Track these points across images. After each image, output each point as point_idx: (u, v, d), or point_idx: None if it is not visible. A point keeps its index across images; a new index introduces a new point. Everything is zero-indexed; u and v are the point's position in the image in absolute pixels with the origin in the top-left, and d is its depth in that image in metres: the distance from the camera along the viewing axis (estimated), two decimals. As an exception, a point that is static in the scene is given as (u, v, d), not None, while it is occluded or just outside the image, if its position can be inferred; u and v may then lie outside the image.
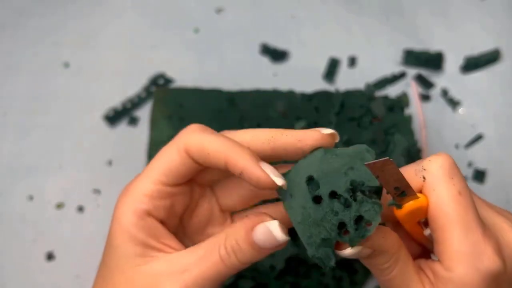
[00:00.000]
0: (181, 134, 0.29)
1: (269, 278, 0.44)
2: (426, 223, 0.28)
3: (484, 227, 0.26)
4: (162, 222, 0.29)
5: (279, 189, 0.27)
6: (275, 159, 0.29)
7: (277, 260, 0.43)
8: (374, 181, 0.26)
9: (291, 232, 0.28)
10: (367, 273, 0.47)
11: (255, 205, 0.34)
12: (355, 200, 0.26)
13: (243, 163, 0.27)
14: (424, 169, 0.27)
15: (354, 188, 0.26)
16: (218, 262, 0.27)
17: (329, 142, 0.28)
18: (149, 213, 0.29)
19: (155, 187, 0.29)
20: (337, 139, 0.28)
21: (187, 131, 0.29)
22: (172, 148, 0.29)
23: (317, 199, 0.27)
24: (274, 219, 0.27)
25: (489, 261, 0.25)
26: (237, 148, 0.27)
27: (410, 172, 0.28)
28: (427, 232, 0.28)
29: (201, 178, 0.31)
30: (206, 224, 0.33)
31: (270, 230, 0.26)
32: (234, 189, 0.32)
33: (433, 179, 0.27)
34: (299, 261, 0.45)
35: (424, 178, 0.27)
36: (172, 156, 0.29)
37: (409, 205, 0.27)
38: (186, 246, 0.32)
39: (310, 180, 0.27)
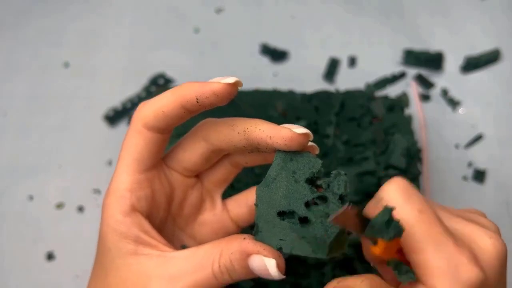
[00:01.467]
0: (132, 117, 0.30)
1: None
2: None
3: (454, 238, 0.26)
4: (147, 217, 0.30)
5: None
6: (250, 150, 0.29)
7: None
8: (317, 165, 0.27)
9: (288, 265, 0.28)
10: (366, 273, 0.47)
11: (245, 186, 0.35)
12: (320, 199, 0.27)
13: (194, 90, 0.28)
14: (382, 198, 0.27)
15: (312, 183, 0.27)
16: (210, 277, 0.27)
17: (301, 142, 0.28)
18: (134, 208, 0.29)
19: (132, 177, 0.29)
20: (311, 138, 0.28)
21: (136, 110, 0.30)
22: (131, 133, 0.29)
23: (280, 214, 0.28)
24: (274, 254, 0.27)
25: (467, 271, 0.25)
26: (182, 87, 0.29)
27: (371, 206, 0.28)
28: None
29: (185, 169, 0.32)
30: (196, 212, 0.33)
31: (267, 267, 0.27)
32: (216, 170, 0.33)
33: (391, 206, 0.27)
34: (299, 261, 0.45)
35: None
36: (135, 140, 0.29)
37: (381, 240, 0.26)
38: (177, 238, 0.32)
39: (280, 214, 0.28)
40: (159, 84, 0.56)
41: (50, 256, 0.47)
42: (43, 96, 0.55)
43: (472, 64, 0.59)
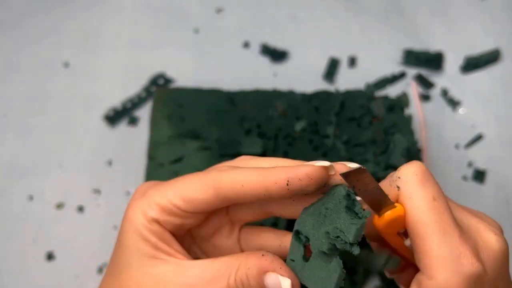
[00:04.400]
0: (212, 170, 0.29)
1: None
2: (406, 234, 0.28)
3: (461, 230, 0.26)
4: (170, 231, 0.30)
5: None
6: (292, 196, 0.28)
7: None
8: (350, 232, 0.26)
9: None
10: (367, 273, 0.47)
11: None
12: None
13: (285, 172, 0.26)
14: (399, 178, 0.27)
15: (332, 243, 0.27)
16: None
17: (320, 176, 0.27)
18: (158, 222, 0.29)
19: (170, 206, 0.29)
20: (332, 172, 0.27)
21: (219, 168, 0.29)
22: (198, 180, 0.29)
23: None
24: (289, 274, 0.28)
25: (468, 263, 0.26)
26: (272, 169, 0.27)
27: (385, 184, 0.28)
28: (407, 242, 0.28)
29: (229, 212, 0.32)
30: (214, 234, 0.33)
31: (281, 285, 0.27)
32: (247, 210, 0.32)
33: (407, 187, 0.27)
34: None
35: (398, 187, 0.27)
36: (195, 187, 0.28)
37: (387, 215, 0.27)
38: (192, 251, 0.32)
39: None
40: (159, 84, 0.56)
41: (50, 256, 0.47)
42: (43, 96, 0.55)
43: (472, 64, 0.59)
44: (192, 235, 0.32)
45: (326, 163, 0.27)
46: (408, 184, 0.27)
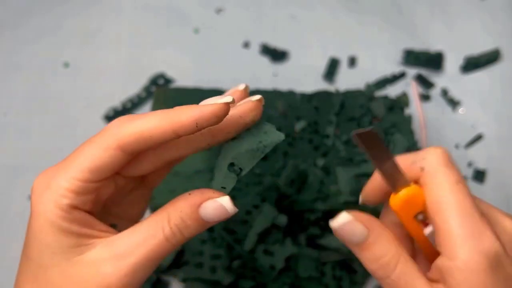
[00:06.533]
0: (108, 129, 0.27)
1: (269, 278, 0.44)
2: (424, 222, 0.28)
3: (481, 213, 0.27)
4: (89, 212, 0.28)
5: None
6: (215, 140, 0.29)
7: (277, 260, 0.43)
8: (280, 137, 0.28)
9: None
10: (367, 273, 0.47)
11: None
12: None
13: (192, 112, 0.26)
14: (424, 158, 0.28)
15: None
16: (163, 242, 0.27)
17: (260, 107, 0.29)
18: (76, 207, 0.27)
19: (80, 183, 0.27)
20: (263, 102, 0.29)
21: (115, 124, 0.27)
22: (97, 145, 0.27)
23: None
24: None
25: (489, 241, 0.26)
26: (178, 111, 0.26)
27: (404, 162, 0.28)
28: (427, 230, 0.28)
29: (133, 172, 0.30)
30: (129, 204, 0.32)
31: (223, 205, 0.27)
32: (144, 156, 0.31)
33: (433, 168, 0.27)
34: (299, 261, 0.45)
35: (422, 168, 0.28)
36: (98, 153, 0.27)
37: (403, 193, 0.27)
38: (110, 224, 0.31)
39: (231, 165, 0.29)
40: (159, 84, 0.56)
41: (50, 256, 0.47)
42: (43, 96, 0.55)
43: (472, 64, 0.59)
44: (109, 209, 0.31)
45: (229, 99, 0.27)
46: (435, 165, 0.27)
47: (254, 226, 0.43)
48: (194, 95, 0.49)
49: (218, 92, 0.50)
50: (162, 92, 0.50)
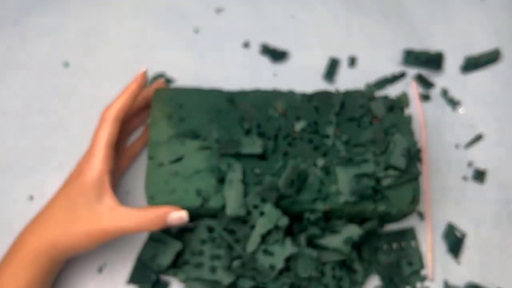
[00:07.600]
0: (103, 117, 0.44)
1: (269, 278, 0.44)
2: None
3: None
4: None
5: None
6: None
7: (277, 260, 0.43)
8: None
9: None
10: (367, 273, 0.47)
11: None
12: None
13: (136, 81, 0.47)
14: None
15: None
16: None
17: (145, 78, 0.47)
18: (106, 178, 0.43)
19: (108, 159, 0.43)
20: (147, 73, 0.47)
21: (105, 113, 0.45)
22: (105, 126, 0.44)
23: None
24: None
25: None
26: (132, 84, 0.46)
27: None
28: None
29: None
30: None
31: (182, 217, 0.43)
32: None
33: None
34: (299, 261, 0.45)
35: None
36: (109, 130, 0.44)
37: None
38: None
39: None
40: (159, 84, 0.56)
41: (50, 256, 0.47)
42: (43, 96, 0.55)
43: (472, 64, 0.59)
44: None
45: (143, 69, 0.47)
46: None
47: (257, 227, 0.43)
48: (194, 95, 0.49)
49: (218, 92, 0.50)
50: (162, 92, 0.50)
